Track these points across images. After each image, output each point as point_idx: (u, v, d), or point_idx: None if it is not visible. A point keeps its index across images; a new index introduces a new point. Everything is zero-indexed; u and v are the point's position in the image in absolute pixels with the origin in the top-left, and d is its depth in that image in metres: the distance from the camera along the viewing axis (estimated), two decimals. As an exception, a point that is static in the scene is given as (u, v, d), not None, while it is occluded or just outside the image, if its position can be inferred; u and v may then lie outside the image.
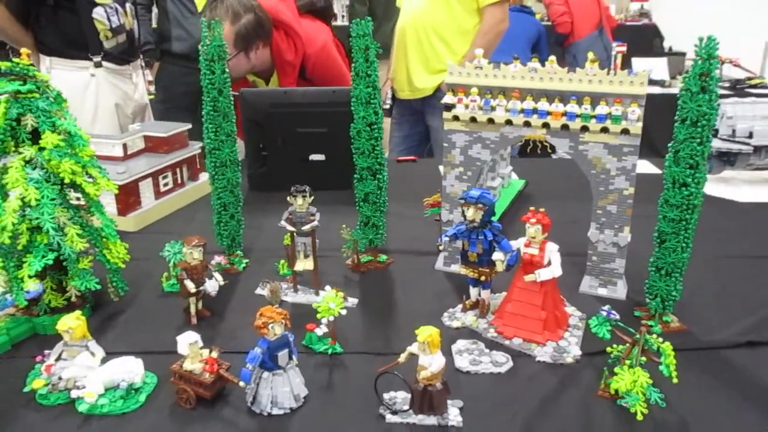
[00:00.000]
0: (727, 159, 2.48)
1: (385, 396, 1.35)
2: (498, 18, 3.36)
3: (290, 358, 1.35)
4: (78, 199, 1.66)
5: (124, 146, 2.39)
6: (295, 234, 1.75)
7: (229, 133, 1.89)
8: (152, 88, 4.01)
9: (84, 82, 3.04)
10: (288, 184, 1.77)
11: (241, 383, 1.32)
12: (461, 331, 1.63)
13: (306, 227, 1.72)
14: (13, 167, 1.50)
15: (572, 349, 1.52)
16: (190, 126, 2.60)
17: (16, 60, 1.52)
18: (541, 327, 1.55)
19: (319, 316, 1.49)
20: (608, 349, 1.41)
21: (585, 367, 1.48)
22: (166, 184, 2.43)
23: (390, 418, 1.31)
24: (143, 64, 3.30)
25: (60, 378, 1.38)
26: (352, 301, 1.77)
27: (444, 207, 1.92)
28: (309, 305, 1.75)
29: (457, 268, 1.92)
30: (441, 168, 2.05)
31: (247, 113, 2.55)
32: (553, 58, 1.71)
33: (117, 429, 1.31)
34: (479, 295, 1.69)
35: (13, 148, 1.55)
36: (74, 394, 1.36)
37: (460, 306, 1.72)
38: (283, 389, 1.33)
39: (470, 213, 1.58)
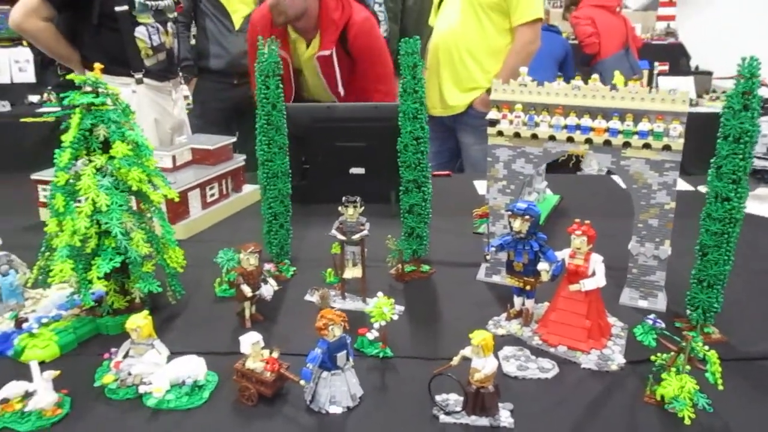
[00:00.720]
0: (762, 176, 2.52)
1: (438, 398, 1.41)
2: (529, 38, 3.43)
3: (347, 359, 1.41)
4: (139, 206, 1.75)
5: (173, 158, 2.49)
6: (344, 243, 1.82)
7: (281, 145, 1.97)
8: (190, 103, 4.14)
9: (126, 97, 3.15)
10: (328, 196, 1.84)
11: (302, 382, 1.38)
12: (506, 339, 1.69)
13: (356, 236, 1.79)
14: (86, 174, 1.59)
15: (616, 357, 1.57)
16: (234, 139, 2.70)
17: (89, 74, 1.61)
18: (586, 335, 1.60)
19: (372, 320, 1.55)
20: (653, 357, 1.46)
21: (629, 374, 1.52)
22: (212, 195, 2.52)
23: (443, 418, 1.37)
24: (182, 81, 3.41)
25: (129, 374, 1.46)
26: (399, 309, 1.83)
27: (489, 220, 1.98)
28: (357, 312, 1.82)
29: (498, 278, 1.99)
30: (475, 183, 2.12)
31: (289, 128, 2.63)
32: (578, 76, 1.78)
33: (183, 423, 1.38)
34: (523, 304, 1.75)
35: (86, 157, 1.64)
36: (142, 389, 1.44)
37: (503, 314, 1.78)
38: (341, 388, 1.39)
39: (517, 224, 1.64)
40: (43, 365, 1.55)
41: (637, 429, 1.34)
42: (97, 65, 1.64)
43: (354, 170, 2.67)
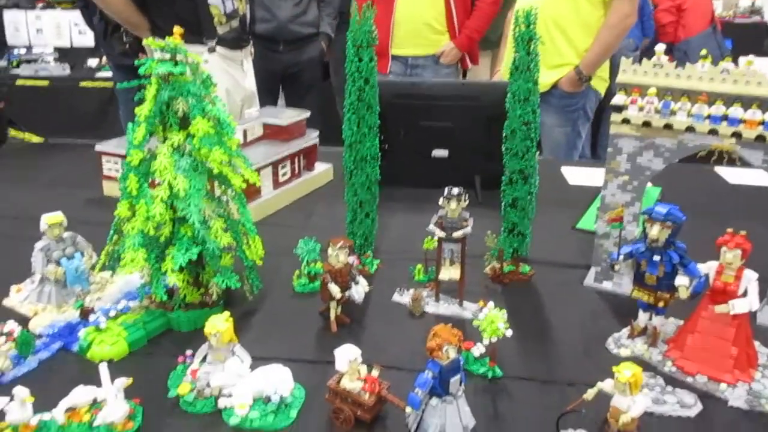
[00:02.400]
0: None
1: (566, 435, 1.20)
2: (627, 11, 3.12)
3: (460, 384, 1.21)
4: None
5: (244, 133, 2.30)
6: (443, 240, 1.60)
7: (372, 125, 1.76)
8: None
9: None
10: (408, 179, 1.62)
11: (408, 409, 1.19)
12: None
13: (458, 233, 1.58)
14: (162, 154, 1.41)
15: (769, 394, 1.33)
16: (308, 114, 2.50)
17: (168, 39, 1.42)
18: (731, 365, 1.36)
19: (484, 336, 1.34)
20: (820, 398, 1.22)
21: (790, 417, 1.28)
22: (284, 174, 2.34)
23: (574, 461, 1.16)
24: (252, 51, 3.22)
25: (208, 385, 1.29)
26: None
27: (601, 218, 1.74)
28: (453, 318, 1.62)
29: (610, 285, 1.75)
30: (563, 170, 1.84)
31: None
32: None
33: (270, 447, 1.20)
34: (649, 320, 1.51)
35: (162, 134, 1.46)
36: (222, 403, 1.27)
37: (625, 331, 1.55)
38: (452, 419, 1.19)
39: (654, 231, 1.40)
40: (111, 364, 1.40)
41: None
42: (177, 29, 1.44)
43: (437, 153, 2.44)
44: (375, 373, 1.26)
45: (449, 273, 1.64)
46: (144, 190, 1.42)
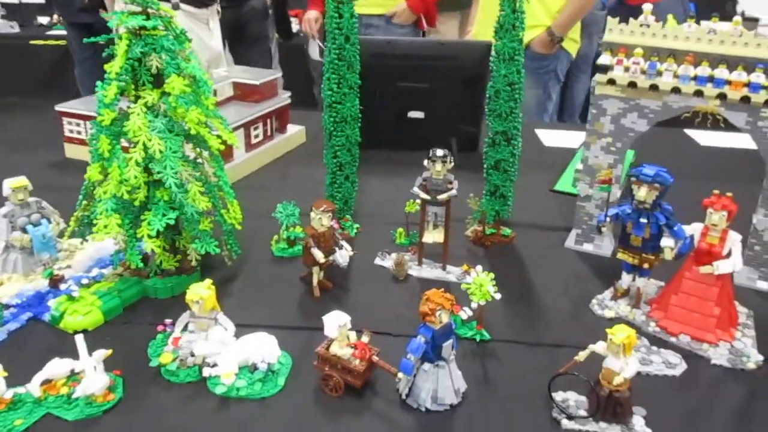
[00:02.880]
0: None
1: (556, 397, 1.20)
2: (600, -29, 3.09)
3: (452, 349, 1.19)
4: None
5: (214, 93, 2.21)
6: (427, 203, 1.57)
7: (352, 85, 1.70)
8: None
9: None
10: (383, 141, 1.58)
11: (400, 375, 1.17)
12: (615, 322, 1.46)
13: (442, 196, 1.55)
14: (135, 113, 1.33)
15: (750, 352, 1.35)
16: (281, 73, 2.42)
17: (138, -10, 1.33)
18: (714, 325, 1.38)
19: (472, 299, 1.32)
20: (801, 356, 1.24)
21: (770, 373, 1.31)
22: (257, 136, 2.26)
23: (566, 423, 1.16)
24: (219, 9, 3.08)
25: (192, 354, 1.24)
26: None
27: (583, 180, 1.73)
28: (437, 281, 1.60)
29: (590, 247, 1.76)
30: (538, 132, 1.79)
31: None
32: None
33: (258, 415, 1.17)
34: (632, 282, 1.52)
35: (134, 92, 1.38)
36: (207, 372, 1.23)
37: (607, 292, 1.55)
38: (444, 383, 1.18)
39: (642, 193, 1.39)
40: (86, 334, 1.34)
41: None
42: (148, -21, 1.34)
43: (413, 114, 2.39)
44: (365, 339, 1.23)
45: (433, 236, 1.62)
46: (117, 152, 1.34)
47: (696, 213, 1.40)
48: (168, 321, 1.36)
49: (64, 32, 4.83)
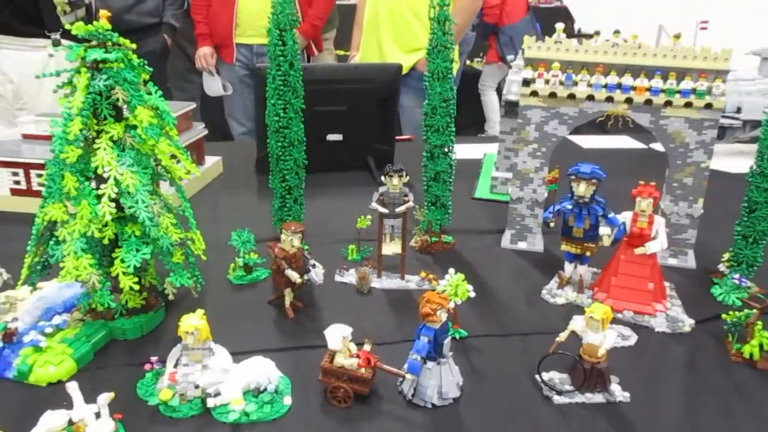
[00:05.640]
0: (725, 133, 2.66)
1: (544, 377, 1.32)
2: (473, -4, 3.36)
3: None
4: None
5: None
6: (385, 216, 1.65)
7: (297, 109, 1.75)
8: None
9: (42, 62, 2.72)
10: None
11: (408, 376, 1.24)
12: (567, 307, 1.63)
13: (401, 208, 1.63)
14: (102, 148, 1.29)
15: (683, 317, 1.56)
16: (194, 105, 2.39)
17: (96, 24, 1.30)
18: (651, 298, 1.58)
19: (455, 299, 1.41)
20: (724, 315, 1.46)
21: (702, 333, 1.52)
22: (179, 169, 2.21)
23: (558, 399, 1.28)
24: None
25: (196, 386, 1.22)
26: (443, 282, 1.70)
27: (514, 184, 1.90)
28: (399, 290, 1.68)
29: (524, 245, 1.92)
30: None
31: (259, 91, 2.37)
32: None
33: (277, 437, 1.18)
34: (574, 270, 1.69)
35: (95, 126, 1.34)
36: (211, 402, 1.21)
37: (553, 282, 1.72)
38: (447, 378, 1.26)
39: (581, 189, 1.57)
40: (60, 384, 1.27)
41: (742, 387, 1.33)
42: (104, 12, 1.32)
43: (331, 137, 2.46)
44: (367, 347, 1.28)
45: (391, 248, 1.70)
46: (86, 190, 1.29)
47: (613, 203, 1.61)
48: (154, 359, 1.32)
49: None
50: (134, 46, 1.35)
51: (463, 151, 2.83)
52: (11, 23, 2.67)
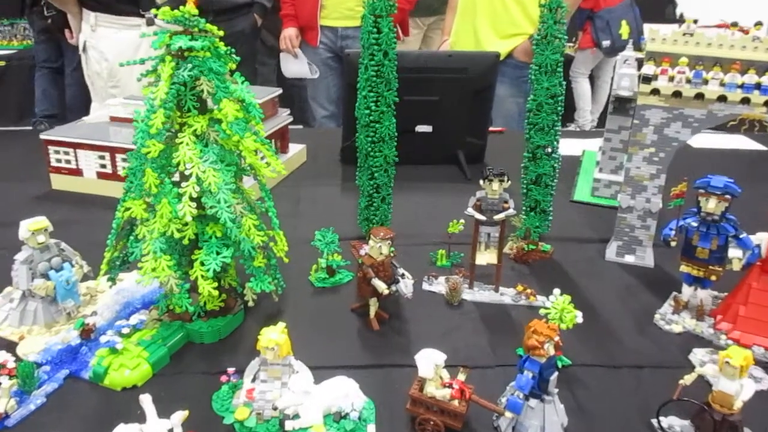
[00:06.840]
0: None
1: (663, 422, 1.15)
2: (581, -22, 3.12)
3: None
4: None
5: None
6: (481, 223, 1.51)
7: (390, 103, 1.62)
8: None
9: (134, 42, 2.72)
10: None
11: (507, 414, 1.10)
12: (684, 337, 1.44)
13: (499, 216, 1.48)
14: (184, 143, 1.21)
15: (826, 359, 1.35)
16: (281, 91, 2.30)
17: (183, 9, 1.21)
18: (787, 334, 1.37)
19: (563, 326, 1.26)
20: None
21: None
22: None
23: (679, 451, 1.11)
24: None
25: (275, 407, 1.13)
26: (541, 299, 1.55)
27: (625, 191, 1.70)
28: (493, 305, 1.54)
29: (632, 259, 1.73)
30: None
31: (347, 77, 2.26)
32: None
33: (357, 469, 1.07)
34: (692, 294, 1.50)
35: (178, 119, 1.25)
36: (290, 425, 1.11)
37: (667, 305, 1.53)
38: (551, 418, 1.11)
39: (711, 205, 1.37)
40: (135, 390, 1.21)
41: None
42: (191, -3, 1.22)
43: (420, 128, 2.32)
44: (461, 377, 1.15)
45: (486, 258, 1.55)
46: (167, 187, 1.21)
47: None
48: (231, 370, 1.24)
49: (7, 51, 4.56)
50: (221, 33, 1.25)
51: (565, 146, 2.65)
52: (106, 1, 2.67)
